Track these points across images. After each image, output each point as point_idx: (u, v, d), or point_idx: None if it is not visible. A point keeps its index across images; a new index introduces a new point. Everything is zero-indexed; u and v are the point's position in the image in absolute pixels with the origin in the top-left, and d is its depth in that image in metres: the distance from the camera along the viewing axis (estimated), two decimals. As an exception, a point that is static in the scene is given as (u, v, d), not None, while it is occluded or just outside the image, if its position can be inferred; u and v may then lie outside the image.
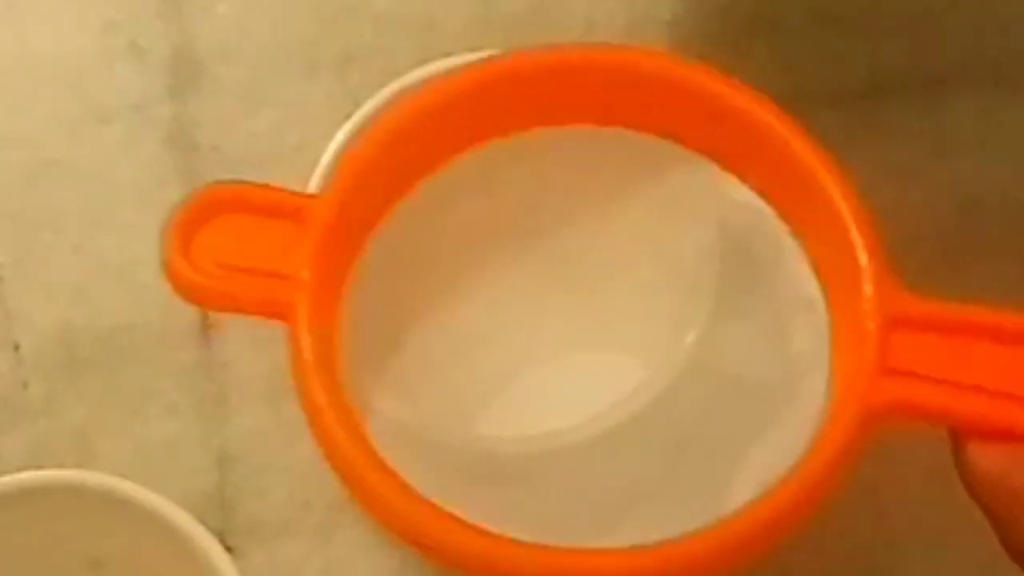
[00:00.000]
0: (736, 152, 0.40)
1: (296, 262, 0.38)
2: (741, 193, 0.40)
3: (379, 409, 0.40)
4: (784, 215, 0.40)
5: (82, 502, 0.40)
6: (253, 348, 0.48)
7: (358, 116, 0.43)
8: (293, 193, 0.39)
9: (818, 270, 0.39)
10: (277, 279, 0.38)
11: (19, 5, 0.52)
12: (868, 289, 0.37)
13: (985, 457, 0.36)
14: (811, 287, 0.39)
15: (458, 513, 0.36)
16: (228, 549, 0.39)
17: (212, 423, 0.47)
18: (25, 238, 0.49)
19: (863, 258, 0.38)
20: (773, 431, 0.40)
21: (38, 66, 0.51)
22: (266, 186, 0.39)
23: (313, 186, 0.44)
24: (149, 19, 0.52)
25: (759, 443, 0.40)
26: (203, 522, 0.39)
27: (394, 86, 0.43)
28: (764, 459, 0.38)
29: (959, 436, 0.37)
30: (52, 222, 0.49)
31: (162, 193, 0.49)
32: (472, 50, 0.44)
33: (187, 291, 0.38)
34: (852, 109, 0.49)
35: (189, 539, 0.39)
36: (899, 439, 0.46)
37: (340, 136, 0.43)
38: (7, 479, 0.40)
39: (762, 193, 0.40)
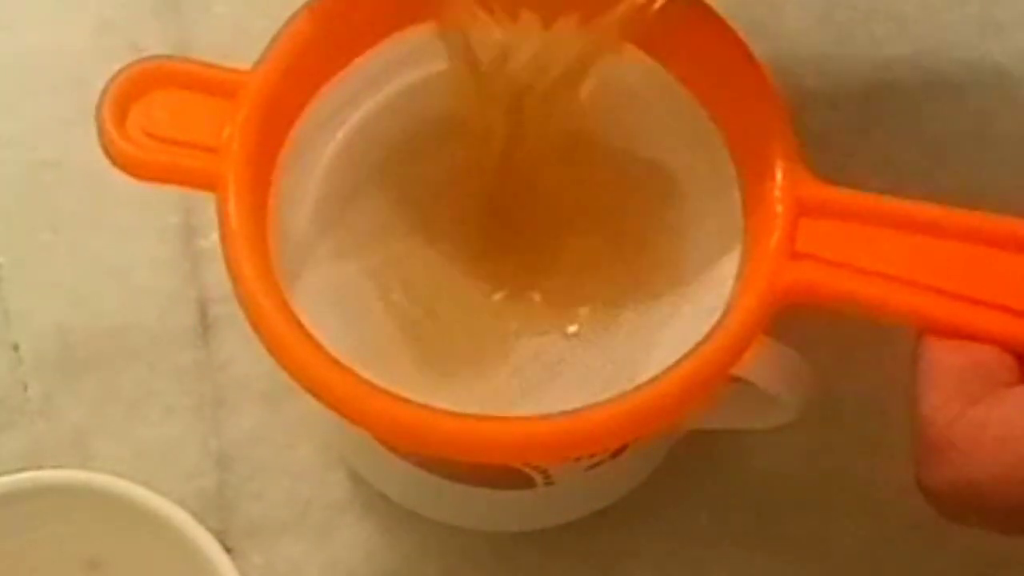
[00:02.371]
0: (660, 38, 0.41)
1: (227, 135, 0.39)
2: (664, 78, 0.42)
3: (309, 281, 0.41)
4: (703, 101, 0.41)
5: (81, 502, 0.40)
6: (252, 349, 0.47)
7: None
8: (227, 69, 0.40)
9: (734, 156, 0.41)
10: (209, 151, 0.39)
11: (16, 5, 0.52)
12: (779, 174, 0.39)
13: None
14: (727, 172, 0.41)
15: (380, 382, 0.37)
16: (228, 550, 0.39)
17: (211, 424, 0.47)
18: (23, 239, 0.49)
19: (776, 145, 0.39)
20: (687, 310, 0.41)
21: (36, 66, 0.51)
22: (201, 63, 0.41)
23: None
24: (146, 19, 0.52)
25: (672, 323, 0.41)
26: (203, 522, 0.39)
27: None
28: (678, 339, 0.39)
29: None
30: (50, 223, 0.49)
31: (161, 194, 0.49)
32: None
33: (121, 161, 0.40)
34: (852, 109, 0.50)
35: (189, 539, 0.39)
36: (899, 438, 0.47)
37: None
38: (6, 479, 0.40)
39: (682, 79, 0.42)
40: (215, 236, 0.48)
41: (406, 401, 0.37)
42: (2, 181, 0.50)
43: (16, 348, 0.48)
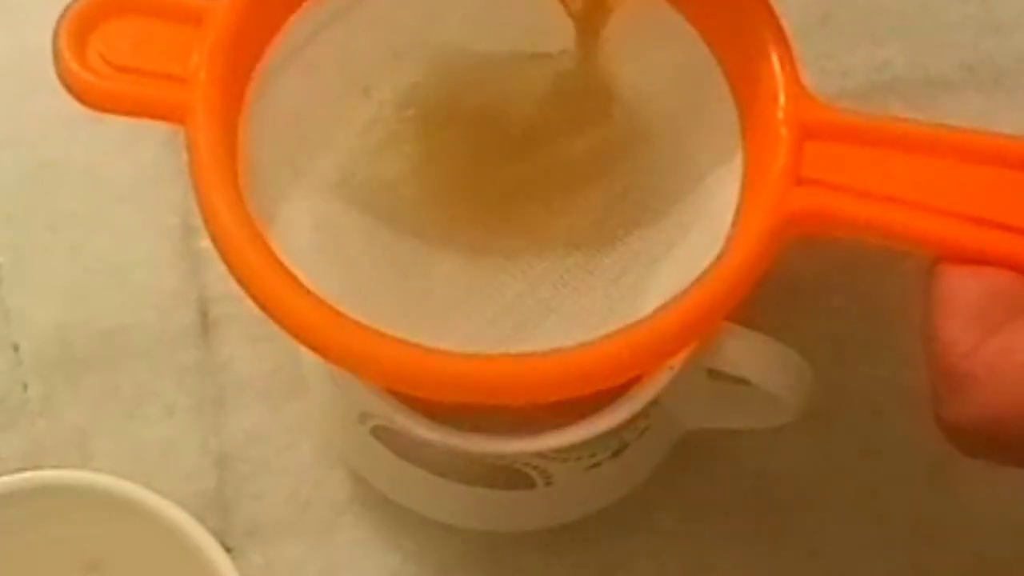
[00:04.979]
0: None
1: (194, 64, 0.37)
2: (659, 4, 0.40)
3: (285, 219, 0.39)
4: (700, 29, 0.40)
5: (81, 502, 0.40)
6: (252, 349, 0.48)
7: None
8: None
9: (732, 83, 0.39)
10: (174, 81, 0.37)
11: (16, 5, 0.52)
12: (781, 97, 0.37)
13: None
14: (724, 99, 0.39)
15: (361, 319, 0.35)
16: (228, 550, 0.39)
17: (211, 424, 0.47)
18: (23, 238, 0.49)
19: (777, 68, 0.38)
20: (684, 244, 0.39)
21: (36, 66, 0.51)
22: None
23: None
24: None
25: (667, 260, 0.39)
26: (203, 522, 0.39)
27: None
28: (675, 273, 0.38)
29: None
30: (50, 222, 0.49)
31: (160, 193, 0.49)
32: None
33: (81, 92, 0.38)
34: (852, 109, 0.49)
35: (189, 539, 0.39)
36: (899, 438, 0.47)
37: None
38: (6, 479, 0.40)
39: (676, 4, 0.40)
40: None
41: (400, 341, 0.35)
42: (2, 181, 0.50)
43: (16, 348, 0.48)
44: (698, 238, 0.39)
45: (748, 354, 0.40)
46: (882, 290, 0.48)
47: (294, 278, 0.36)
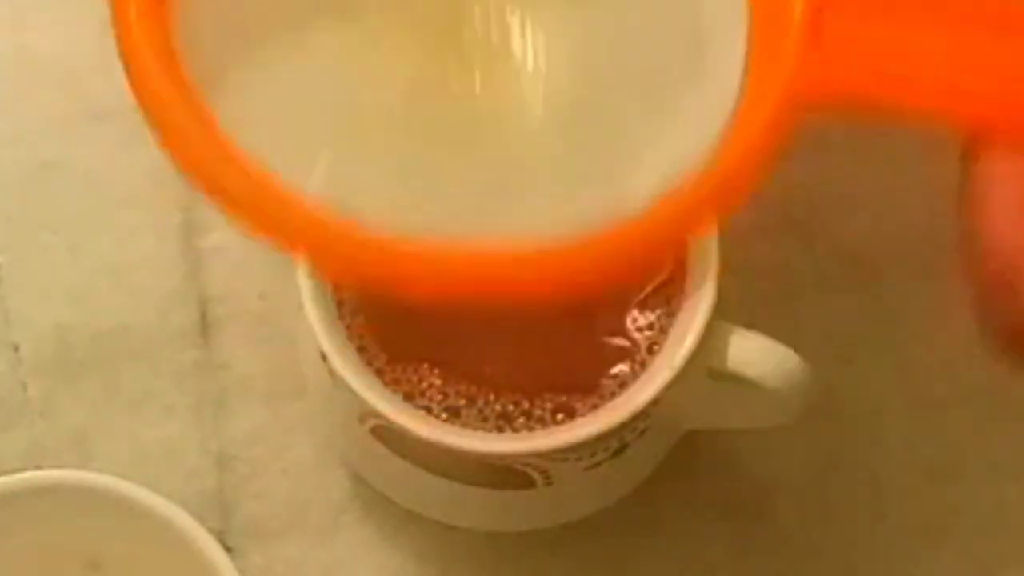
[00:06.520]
0: None
1: None
2: None
3: (228, 87, 0.35)
4: None
5: (81, 502, 0.40)
6: (252, 349, 0.48)
7: None
8: None
9: None
10: None
11: (18, 5, 0.52)
12: None
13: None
14: None
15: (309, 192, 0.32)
16: (228, 550, 0.39)
17: (211, 424, 0.47)
18: (23, 239, 0.49)
19: None
20: (679, 113, 0.35)
21: (37, 66, 0.51)
22: None
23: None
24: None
25: (663, 127, 0.35)
26: (203, 522, 0.39)
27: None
28: (670, 146, 0.34)
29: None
30: (50, 223, 0.49)
31: (160, 193, 0.49)
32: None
33: None
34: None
35: (189, 539, 0.39)
36: (899, 438, 0.47)
37: None
38: (6, 479, 0.40)
39: None
40: (215, 236, 0.48)
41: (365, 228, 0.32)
42: (2, 181, 0.50)
43: (16, 348, 0.48)
44: (699, 110, 0.35)
45: (748, 354, 0.40)
46: (883, 290, 0.48)
47: (236, 152, 0.33)
